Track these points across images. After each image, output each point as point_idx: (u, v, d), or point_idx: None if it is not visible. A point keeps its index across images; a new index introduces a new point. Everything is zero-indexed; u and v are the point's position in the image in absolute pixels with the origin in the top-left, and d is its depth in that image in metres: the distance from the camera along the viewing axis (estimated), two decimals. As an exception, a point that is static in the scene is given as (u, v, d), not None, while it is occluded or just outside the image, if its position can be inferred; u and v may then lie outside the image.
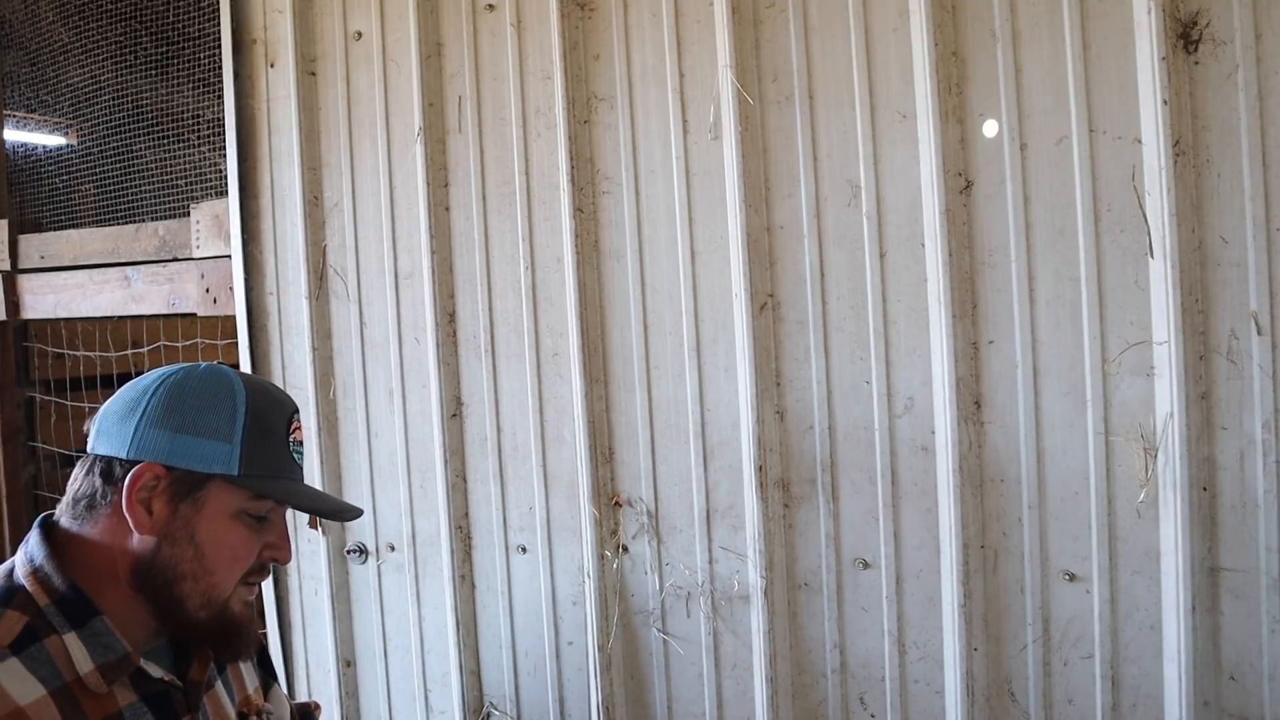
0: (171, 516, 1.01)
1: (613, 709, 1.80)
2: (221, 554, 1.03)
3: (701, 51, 1.67)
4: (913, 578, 1.58)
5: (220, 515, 1.03)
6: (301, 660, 2.11)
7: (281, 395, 1.11)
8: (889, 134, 1.55)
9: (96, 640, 0.97)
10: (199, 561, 1.02)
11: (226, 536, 1.04)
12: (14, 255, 2.60)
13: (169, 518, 1.01)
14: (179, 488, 1.01)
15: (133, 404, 1.03)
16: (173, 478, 1.01)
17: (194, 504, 1.02)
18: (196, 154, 2.32)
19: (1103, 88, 1.42)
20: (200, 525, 1.02)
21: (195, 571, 1.02)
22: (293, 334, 2.05)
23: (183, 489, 1.01)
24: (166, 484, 1.00)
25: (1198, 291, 1.38)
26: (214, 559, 1.03)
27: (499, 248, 1.86)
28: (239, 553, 1.05)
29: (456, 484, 1.92)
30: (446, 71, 1.89)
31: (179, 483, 1.01)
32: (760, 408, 1.64)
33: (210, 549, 1.03)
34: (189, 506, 1.01)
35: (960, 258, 1.51)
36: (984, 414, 1.52)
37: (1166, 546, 1.41)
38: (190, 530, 1.02)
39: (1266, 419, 1.35)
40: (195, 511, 1.02)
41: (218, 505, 1.03)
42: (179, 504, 1.01)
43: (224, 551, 1.04)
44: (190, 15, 2.26)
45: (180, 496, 1.01)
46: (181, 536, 1.01)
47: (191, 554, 1.02)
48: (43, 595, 0.97)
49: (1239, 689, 1.40)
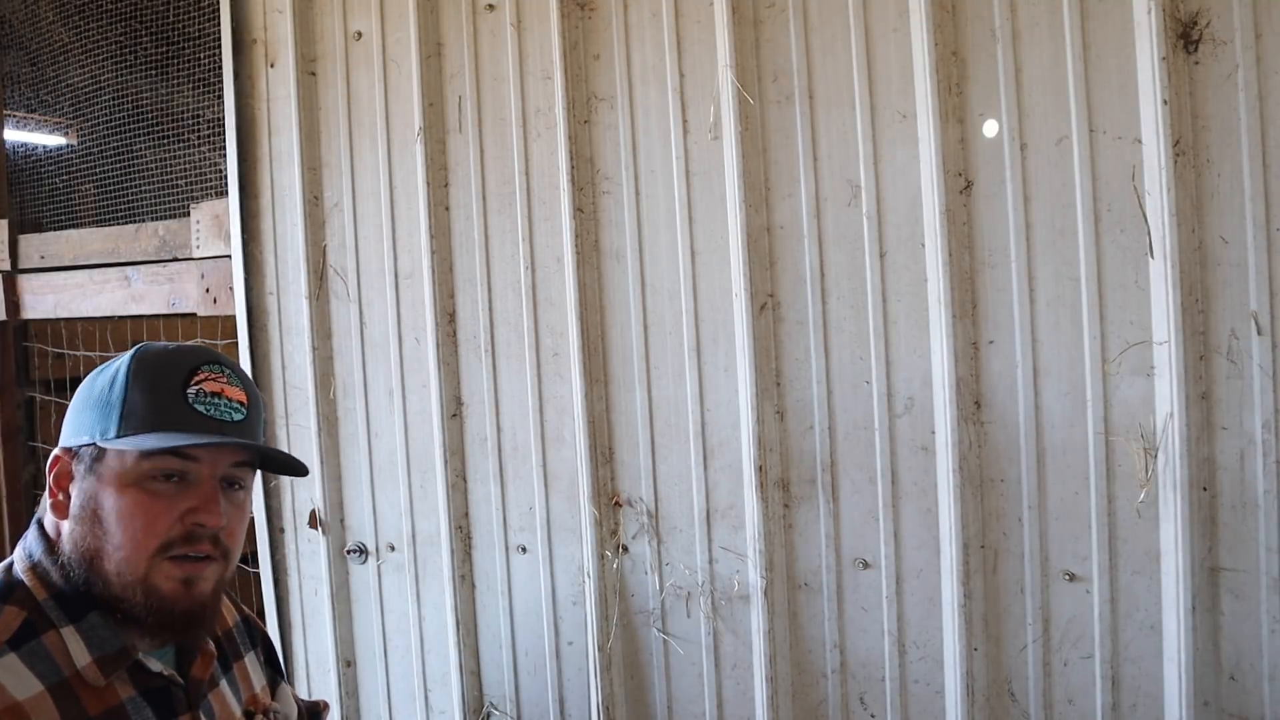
0: (79, 496, 1.00)
1: (613, 709, 1.80)
2: (125, 523, 0.97)
3: (701, 51, 1.67)
4: (913, 578, 1.58)
5: (118, 484, 0.98)
6: (301, 660, 2.11)
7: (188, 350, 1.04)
8: (889, 134, 1.55)
9: (94, 634, 0.96)
10: (105, 537, 0.97)
11: (130, 506, 0.97)
12: (14, 255, 2.60)
13: (77, 498, 1.00)
14: (80, 466, 1.00)
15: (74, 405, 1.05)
16: (73, 457, 1.01)
17: (94, 479, 0.99)
18: (196, 154, 2.32)
19: (1103, 88, 1.42)
20: (104, 499, 0.98)
21: (103, 548, 0.97)
22: (293, 334, 2.05)
23: (82, 468, 1.00)
24: (69, 465, 1.01)
25: (1198, 291, 1.38)
26: (118, 531, 0.97)
27: (499, 248, 1.86)
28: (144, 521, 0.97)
29: (456, 484, 1.92)
30: (446, 71, 1.89)
31: (80, 461, 1.00)
32: (760, 408, 1.64)
33: (113, 519, 0.97)
34: (91, 482, 0.99)
35: (960, 258, 1.51)
36: (984, 414, 1.52)
37: (1166, 546, 1.41)
38: (94, 505, 0.98)
39: (1266, 419, 1.35)
40: (96, 486, 0.99)
41: (116, 474, 0.98)
42: (81, 483, 1.00)
43: (128, 520, 0.97)
44: (190, 15, 2.26)
45: (83, 475, 1.00)
46: (85, 514, 0.99)
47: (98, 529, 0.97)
48: (41, 590, 0.97)
49: (1239, 689, 1.40)
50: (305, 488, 2.07)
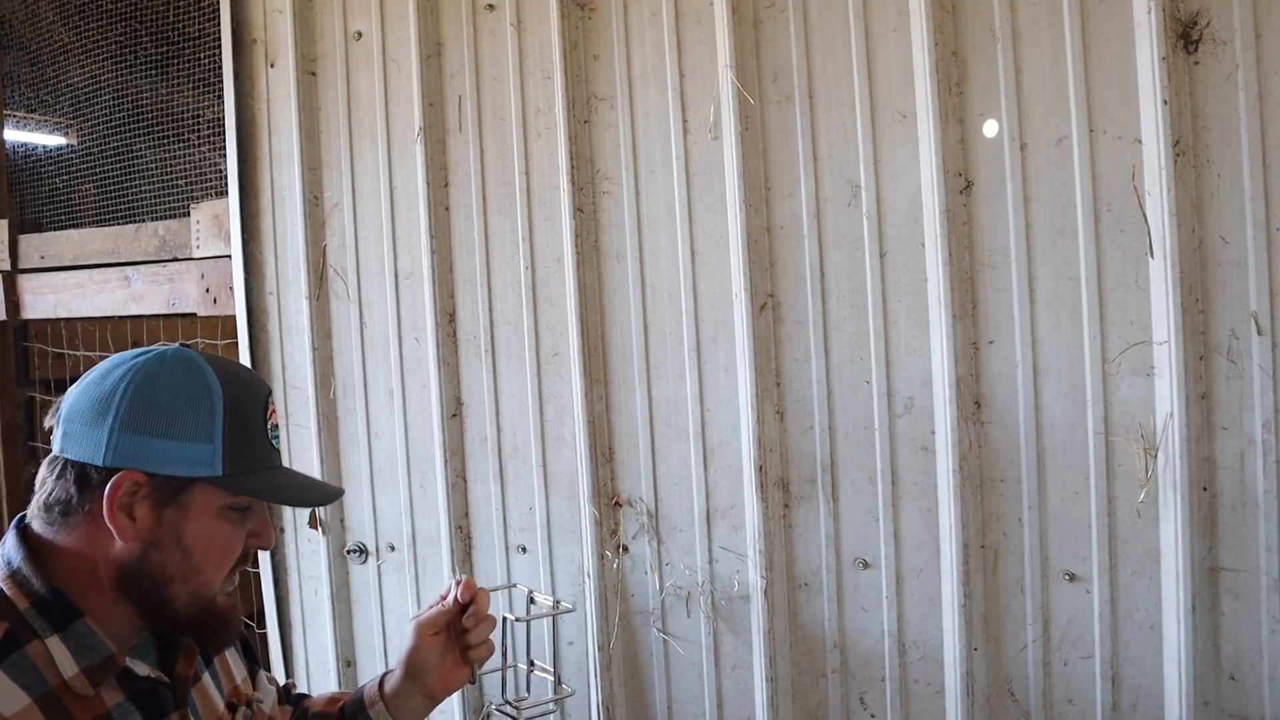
0: (156, 522, 0.98)
1: (613, 709, 1.80)
2: (210, 554, 1.01)
3: (701, 51, 1.67)
4: (913, 578, 1.58)
5: (206, 515, 1.00)
6: (301, 660, 2.11)
7: (254, 381, 1.07)
8: (889, 134, 1.55)
9: (80, 642, 0.95)
10: (187, 563, 1.00)
11: (214, 536, 1.01)
12: (14, 255, 2.60)
13: (154, 524, 0.98)
14: (162, 493, 0.98)
15: (101, 405, 0.98)
16: (154, 483, 0.97)
17: (179, 508, 0.99)
18: (196, 154, 2.32)
19: (1103, 88, 1.41)
20: (187, 528, 0.99)
21: (184, 573, 1.00)
22: (293, 334, 2.05)
23: (166, 494, 0.98)
24: (148, 490, 0.97)
25: (1198, 291, 1.38)
26: (202, 559, 1.00)
27: (499, 247, 1.86)
28: (227, 550, 1.03)
29: (456, 484, 1.92)
30: (446, 71, 1.89)
31: (161, 488, 0.98)
32: (760, 408, 1.64)
33: (198, 550, 1.00)
34: (174, 511, 0.99)
35: (960, 258, 1.51)
36: (984, 414, 1.52)
37: (1166, 546, 1.41)
38: (177, 534, 0.99)
39: (1266, 419, 1.35)
40: (181, 515, 0.99)
41: (203, 506, 1.00)
42: (163, 509, 0.98)
43: (212, 551, 1.01)
44: (190, 15, 2.26)
45: (164, 502, 0.98)
46: (169, 541, 0.99)
47: (180, 557, 0.99)
48: (21, 598, 0.94)
49: (1239, 689, 1.40)
50: (305, 488, 2.07)
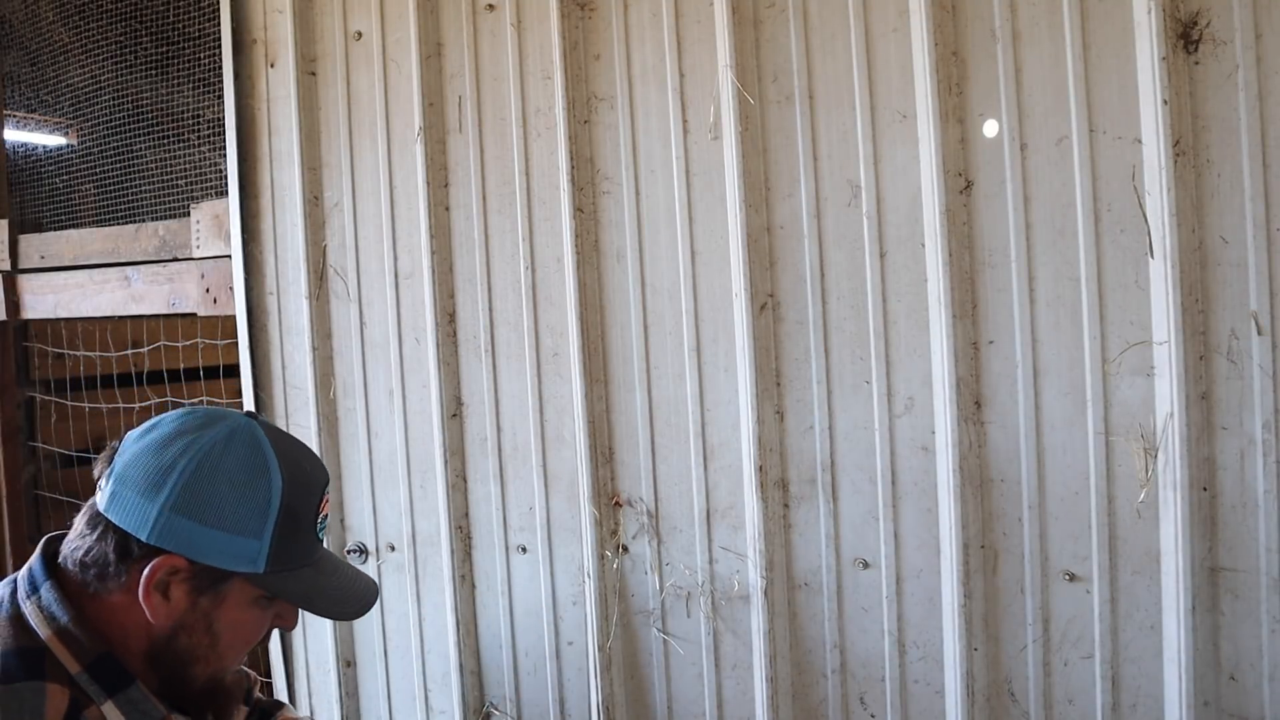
0: (190, 607, 0.98)
1: (613, 709, 1.80)
2: (237, 641, 1.03)
3: (701, 51, 1.67)
4: (913, 578, 1.58)
5: (240, 606, 1.01)
6: (301, 660, 2.11)
7: (315, 474, 1.06)
8: (889, 134, 1.55)
9: (134, 708, 0.95)
10: (214, 648, 1.01)
11: (244, 625, 1.03)
12: (14, 255, 2.60)
13: (187, 608, 0.98)
14: (200, 580, 0.98)
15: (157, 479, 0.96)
16: (194, 570, 0.97)
17: (215, 596, 0.99)
18: (196, 154, 2.32)
19: (1103, 88, 1.42)
20: (220, 616, 1.00)
21: (209, 656, 1.01)
22: (293, 334, 2.05)
23: (204, 582, 0.98)
24: (187, 574, 0.97)
25: (1198, 291, 1.38)
26: (228, 646, 1.02)
27: (499, 247, 1.86)
28: (253, 636, 1.05)
29: (456, 484, 1.92)
30: (446, 71, 1.89)
31: (200, 575, 0.97)
32: (760, 408, 1.64)
33: (227, 637, 1.01)
34: (209, 600, 0.99)
35: (960, 258, 1.51)
36: (984, 414, 1.52)
37: (1166, 546, 1.41)
38: (209, 620, 1.00)
39: (1266, 419, 1.35)
40: (216, 604, 0.99)
41: (239, 597, 1.00)
42: (199, 596, 0.98)
43: (240, 638, 1.03)
44: (190, 15, 2.26)
45: (201, 590, 0.98)
46: (199, 627, 0.99)
47: (208, 641, 1.00)
48: (73, 662, 0.94)
49: (1239, 689, 1.40)
50: (305, 488, 2.07)
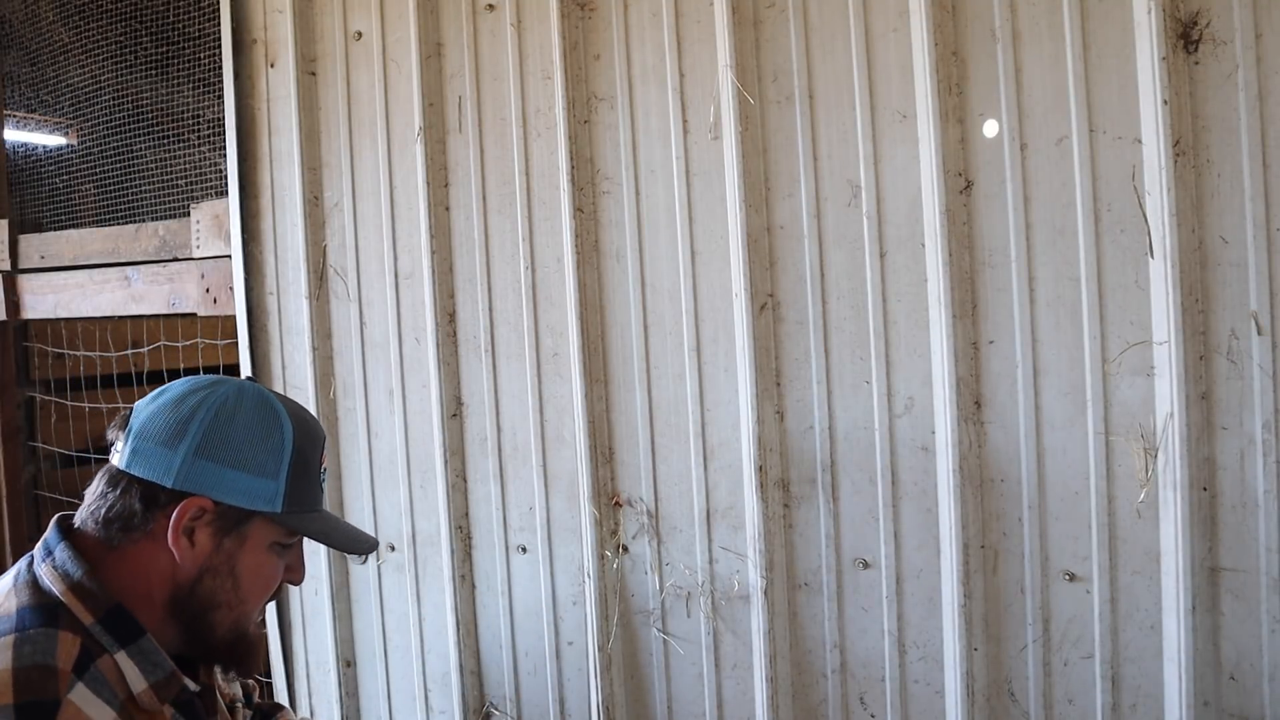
0: (215, 549, 1.01)
1: (613, 709, 1.80)
2: (256, 585, 1.05)
3: (701, 51, 1.67)
4: (913, 578, 1.58)
5: (260, 548, 1.04)
6: (301, 660, 2.11)
7: (317, 425, 1.12)
8: (889, 134, 1.55)
9: (145, 659, 0.97)
10: (235, 592, 1.03)
11: (263, 568, 1.06)
12: (14, 255, 2.60)
13: (212, 550, 1.01)
14: (224, 522, 1.01)
15: (178, 428, 1.00)
16: (219, 511, 1.01)
17: (238, 538, 1.03)
18: (196, 154, 2.32)
19: (1103, 88, 1.42)
20: (241, 558, 1.03)
21: (231, 601, 1.03)
22: (293, 334, 2.05)
23: (228, 523, 1.02)
24: (212, 517, 1.01)
25: (1198, 291, 1.38)
26: (249, 589, 1.05)
27: (499, 247, 1.86)
28: (270, 582, 1.07)
29: (456, 484, 1.92)
30: (446, 71, 1.89)
31: (224, 517, 1.01)
32: (760, 408, 1.64)
33: (247, 580, 1.04)
34: (233, 541, 1.02)
35: (960, 258, 1.51)
36: (984, 414, 1.52)
37: (1166, 546, 1.41)
38: (231, 563, 1.03)
39: (1266, 419, 1.35)
40: (238, 545, 1.03)
41: (259, 539, 1.04)
42: (223, 538, 1.02)
43: (259, 582, 1.06)
44: (190, 15, 2.26)
45: (225, 531, 1.02)
46: (224, 569, 1.02)
47: (230, 584, 1.03)
48: (86, 614, 0.96)
49: (1239, 689, 1.40)
50: (305, 488, 2.07)
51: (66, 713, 0.87)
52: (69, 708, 0.87)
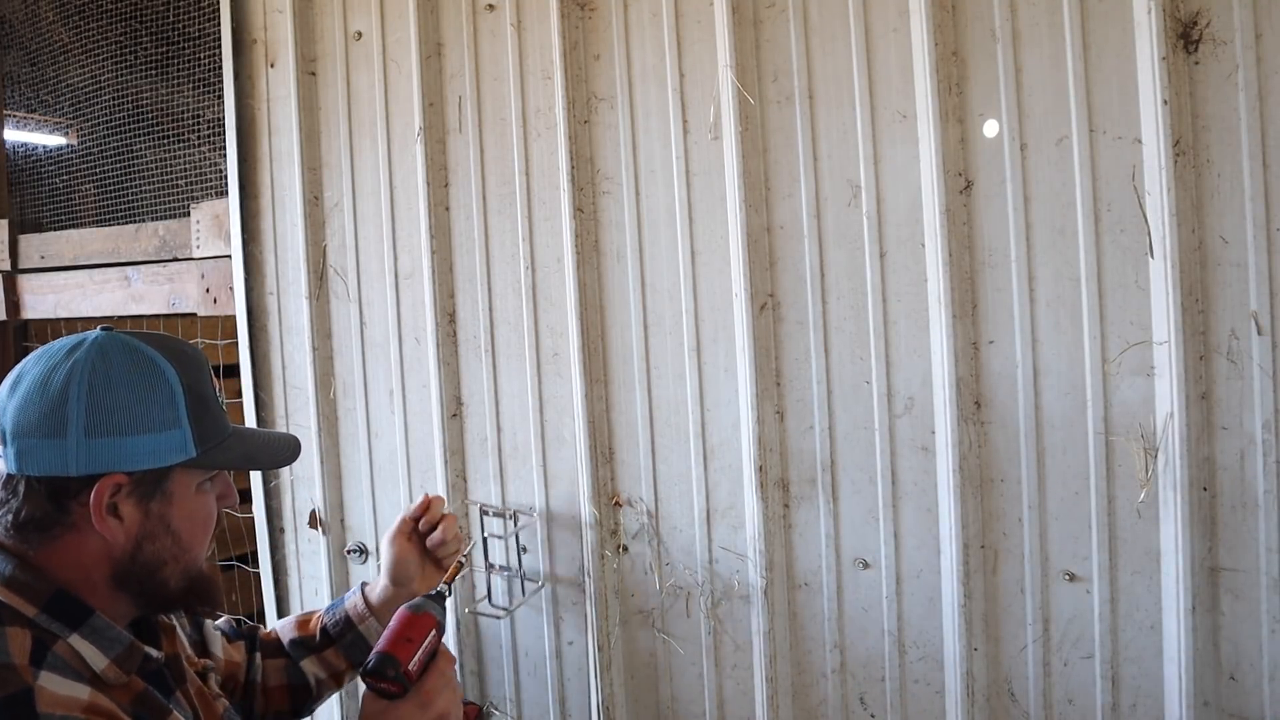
0: (145, 516, 0.99)
1: (613, 709, 1.80)
2: (196, 530, 1.04)
3: (701, 51, 1.67)
4: (913, 578, 1.58)
5: (187, 496, 1.03)
6: (301, 660, 2.10)
7: (196, 352, 1.07)
8: (889, 134, 1.55)
9: (99, 636, 0.95)
10: (178, 545, 1.02)
11: (198, 512, 1.04)
12: (14, 255, 2.60)
13: (142, 518, 0.99)
14: (144, 488, 0.99)
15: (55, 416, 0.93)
16: (135, 480, 0.98)
17: (164, 497, 1.00)
18: (196, 154, 2.32)
19: (1103, 88, 1.42)
20: (174, 513, 1.01)
21: (176, 554, 1.02)
22: (293, 334, 2.05)
23: (149, 488, 0.99)
24: (130, 488, 0.98)
25: (1198, 291, 1.38)
26: (190, 537, 1.03)
27: (499, 248, 1.86)
28: (208, 521, 1.06)
29: (456, 484, 1.92)
30: (446, 71, 1.89)
31: (142, 483, 0.99)
32: (760, 408, 1.64)
33: (186, 530, 1.03)
34: (159, 502, 1.00)
35: (960, 258, 1.51)
36: (984, 414, 1.52)
37: (1166, 546, 1.41)
38: (165, 521, 1.01)
39: (1266, 419, 1.35)
40: (166, 504, 1.01)
41: (184, 489, 1.02)
42: (149, 503, 0.99)
43: (198, 527, 1.04)
44: (190, 15, 2.26)
45: (148, 496, 0.99)
46: (160, 530, 1.00)
47: (170, 541, 1.01)
48: (28, 606, 0.93)
49: (1239, 689, 1.40)
50: (305, 488, 2.07)
51: (44, 696, 0.86)
52: (44, 692, 0.86)
